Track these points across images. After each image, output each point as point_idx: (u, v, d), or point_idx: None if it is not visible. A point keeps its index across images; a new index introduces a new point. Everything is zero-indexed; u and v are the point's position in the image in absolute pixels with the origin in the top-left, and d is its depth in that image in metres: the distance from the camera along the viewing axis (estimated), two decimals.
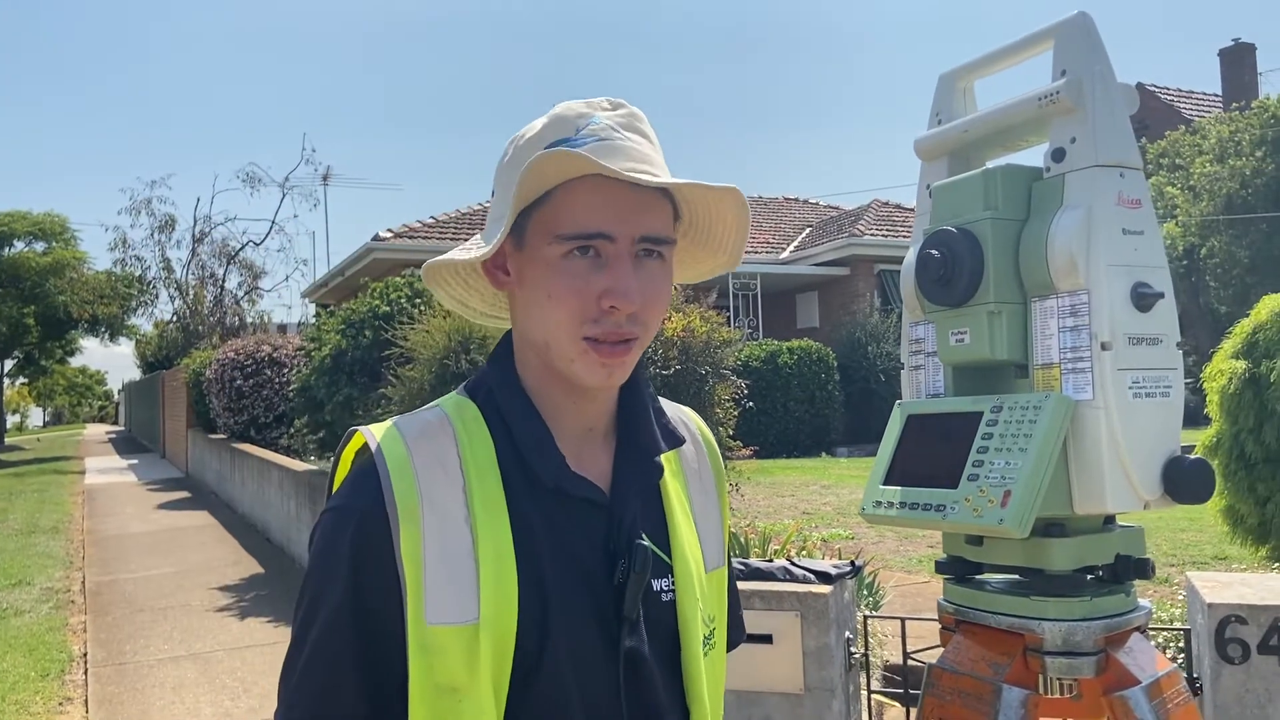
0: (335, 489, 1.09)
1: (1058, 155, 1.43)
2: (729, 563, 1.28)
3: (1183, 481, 1.38)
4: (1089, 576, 1.45)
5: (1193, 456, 1.39)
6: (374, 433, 1.07)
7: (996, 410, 1.41)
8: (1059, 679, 1.40)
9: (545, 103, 1.15)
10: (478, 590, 0.98)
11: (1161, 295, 1.40)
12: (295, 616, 1.05)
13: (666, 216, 1.08)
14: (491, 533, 1.01)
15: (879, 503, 1.51)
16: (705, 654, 1.13)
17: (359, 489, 1.03)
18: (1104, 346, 1.36)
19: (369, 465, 1.04)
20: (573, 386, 1.09)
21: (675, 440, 1.17)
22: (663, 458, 1.16)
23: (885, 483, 1.52)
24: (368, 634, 1.00)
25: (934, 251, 1.48)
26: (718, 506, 1.25)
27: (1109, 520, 1.48)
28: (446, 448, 1.05)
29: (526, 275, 1.07)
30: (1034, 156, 1.54)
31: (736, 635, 1.32)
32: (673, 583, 1.11)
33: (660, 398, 1.26)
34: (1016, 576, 1.50)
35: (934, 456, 1.47)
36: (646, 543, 1.07)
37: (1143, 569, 1.42)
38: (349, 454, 1.11)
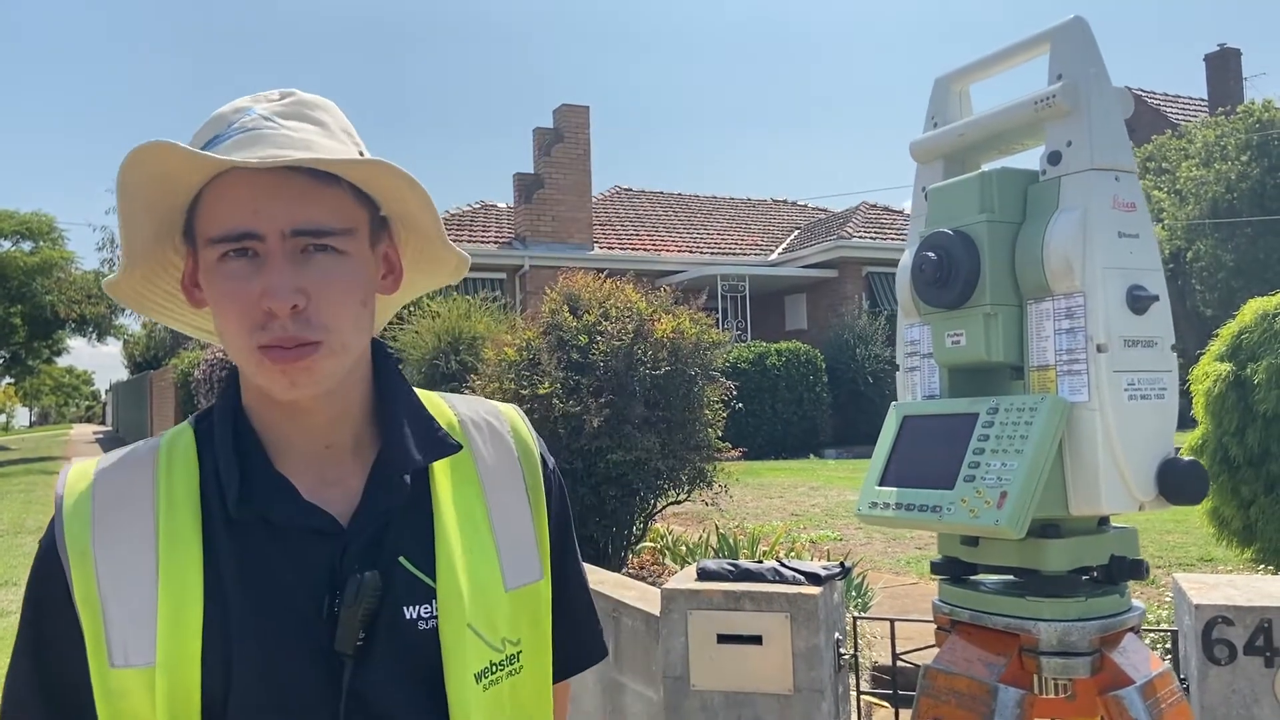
0: None
1: (1053, 158, 1.44)
2: (570, 572, 1.18)
3: (1177, 483, 1.39)
4: (1084, 577, 1.46)
5: (1187, 458, 1.40)
6: (70, 470, 1.01)
7: (993, 412, 1.42)
8: (1054, 679, 1.41)
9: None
10: (156, 632, 0.92)
11: (1156, 298, 1.41)
12: None
13: (332, 206, 0.97)
14: (174, 570, 0.94)
15: (875, 504, 1.51)
16: (487, 686, 1.01)
17: (47, 530, 0.99)
18: (1099, 349, 1.37)
19: (56, 505, 0.99)
20: (284, 405, 1.00)
21: (439, 449, 1.06)
22: (446, 466, 1.07)
23: (881, 484, 1.52)
24: (48, 676, 0.97)
25: (930, 254, 1.48)
26: (531, 515, 1.12)
27: (1104, 521, 1.49)
28: (139, 482, 0.99)
29: (205, 288, 0.99)
30: (1030, 160, 1.55)
31: (584, 654, 1.22)
32: (435, 608, 1.00)
33: (468, 396, 1.18)
34: (1012, 577, 1.51)
35: (930, 458, 1.48)
36: (391, 568, 0.99)
37: (1137, 570, 1.43)
38: None
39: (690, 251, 23.78)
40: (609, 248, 22.52)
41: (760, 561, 3.36)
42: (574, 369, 6.44)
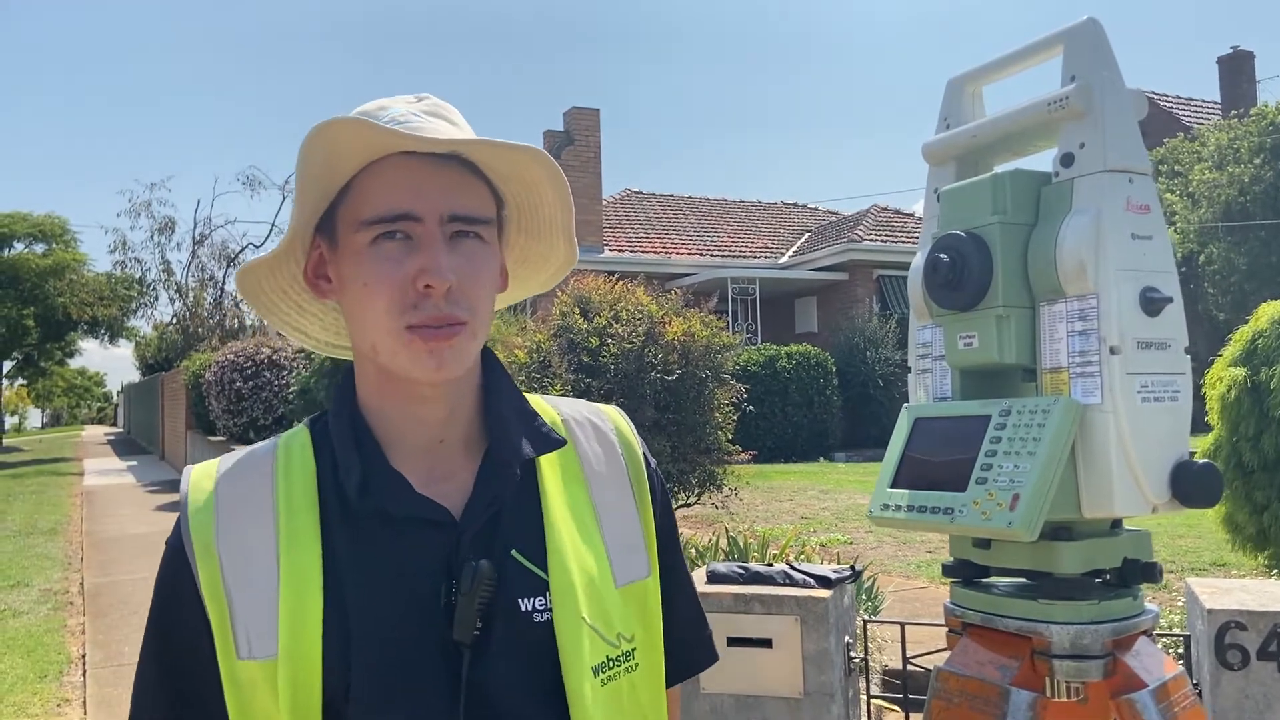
0: None
1: (1066, 160, 1.44)
2: (675, 573, 1.18)
3: (1191, 485, 1.38)
4: (1097, 580, 1.45)
5: (1201, 461, 1.40)
6: (192, 471, 1.05)
7: (1005, 414, 1.41)
8: (1066, 682, 1.40)
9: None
10: (278, 624, 0.94)
11: (1170, 300, 1.40)
12: None
13: (481, 196, 1.03)
14: (296, 565, 0.96)
15: (887, 505, 1.51)
16: (605, 681, 1.02)
17: (175, 528, 1.02)
18: (1113, 351, 1.37)
19: (181, 504, 1.03)
20: (408, 395, 1.03)
21: (546, 444, 1.08)
22: (553, 463, 1.09)
23: (893, 486, 1.52)
24: (174, 669, 1.00)
25: (943, 255, 1.48)
26: (638, 512, 1.13)
27: (1117, 524, 1.48)
28: (259, 481, 1.02)
29: (344, 274, 1.02)
30: (1042, 162, 1.54)
31: (697, 657, 1.22)
32: (549, 601, 1.01)
33: (568, 399, 1.20)
34: (1024, 580, 1.50)
35: (942, 460, 1.48)
36: (504, 559, 1.00)
37: (1150, 573, 1.42)
38: None
39: (701, 254, 23.78)
40: (619, 250, 22.54)
41: (770, 565, 3.36)
42: (584, 371, 6.44)
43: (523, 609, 1.00)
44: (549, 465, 1.09)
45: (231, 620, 0.95)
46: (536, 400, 1.16)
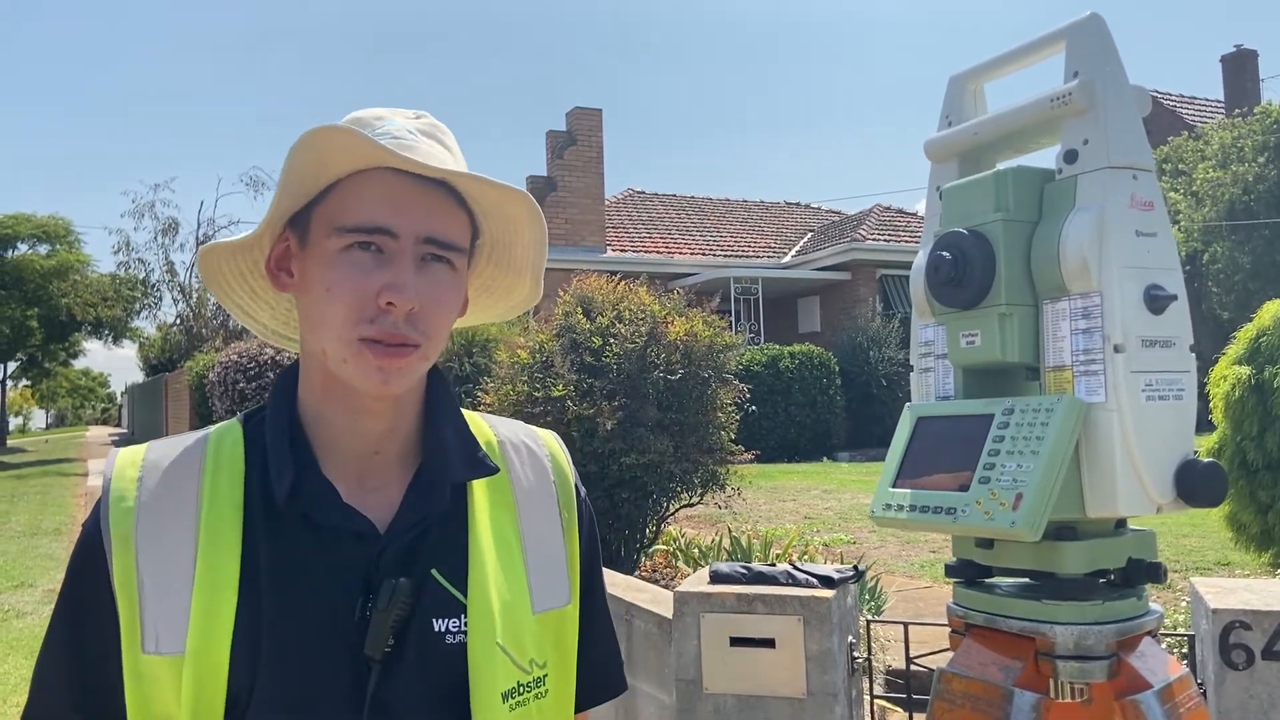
0: None
1: (1070, 157, 1.43)
2: (594, 602, 1.17)
3: (1195, 485, 1.37)
4: (1101, 580, 1.44)
5: (1206, 460, 1.38)
6: (118, 456, 1.04)
7: (1008, 413, 1.40)
8: (1070, 683, 1.39)
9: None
10: (188, 622, 0.94)
11: (1175, 297, 1.39)
12: None
13: (459, 224, 1.04)
14: (213, 564, 0.96)
15: (889, 505, 1.50)
16: (515, 705, 1.01)
17: (93, 512, 1.01)
18: (1117, 349, 1.35)
19: (102, 490, 1.02)
20: (351, 404, 1.03)
21: (479, 470, 1.08)
22: (484, 486, 1.09)
23: (895, 485, 1.51)
24: (78, 655, 0.99)
25: (945, 253, 1.47)
26: (563, 540, 1.14)
27: (1121, 524, 1.47)
28: (186, 476, 1.01)
29: (308, 273, 1.02)
30: (1045, 159, 1.53)
31: (604, 687, 1.21)
32: (465, 623, 1.01)
33: (508, 419, 1.21)
34: (1027, 580, 1.49)
35: (945, 459, 1.47)
36: (424, 578, 1.00)
37: (1155, 573, 1.41)
38: None
39: (703, 254, 23.78)
40: (622, 250, 22.54)
41: (773, 564, 3.35)
42: (587, 371, 6.43)
43: (436, 629, 1.00)
44: (479, 488, 1.09)
45: (141, 613, 0.95)
46: (475, 420, 1.16)
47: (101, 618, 0.97)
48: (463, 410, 1.15)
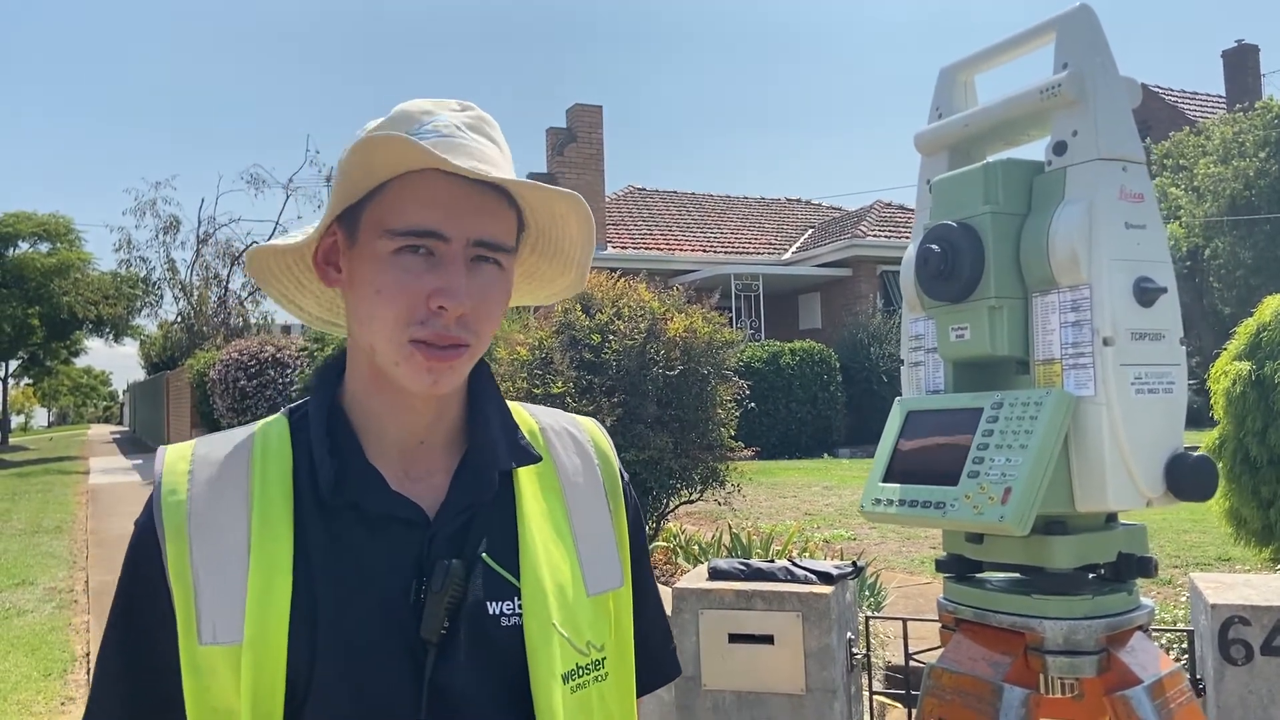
0: None
1: (1059, 149, 1.42)
2: (643, 586, 1.18)
3: (1185, 479, 1.36)
4: (1091, 575, 1.44)
5: (1196, 454, 1.38)
6: (168, 451, 1.04)
7: (997, 407, 1.40)
8: (1060, 678, 1.38)
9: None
10: (244, 611, 0.94)
11: (1164, 290, 1.38)
12: None
13: (508, 224, 1.04)
14: (265, 553, 0.96)
15: (878, 500, 1.49)
16: (575, 688, 1.02)
17: (145, 508, 1.01)
18: (1106, 342, 1.35)
19: (154, 485, 1.02)
20: (398, 396, 1.03)
21: (523, 458, 1.09)
22: (530, 472, 1.09)
23: (885, 480, 1.50)
24: (135, 652, 1.00)
25: (934, 246, 1.46)
26: (611, 523, 1.14)
27: (1111, 518, 1.46)
28: (236, 467, 1.01)
29: (357, 273, 1.02)
30: (1035, 151, 1.52)
31: (660, 671, 1.22)
32: (519, 605, 1.01)
33: (548, 408, 1.21)
34: (1017, 575, 1.49)
35: (934, 453, 1.46)
36: (474, 561, 1.00)
37: (1145, 567, 1.40)
38: None
39: (704, 251, 23.77)
40: (622, 247, 22.53)
41: (772, 561, 3.34)
42: (587, 368, 6.43)
43: (491, 612, 1.00)
44: (526, 475, 1.10)
45: (196, 605, 0.95)
46: (517, 409, 1.16)
47: (158, 612, 0.97)
48: (506, 402, 1.16)
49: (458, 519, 1.03)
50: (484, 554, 1.02)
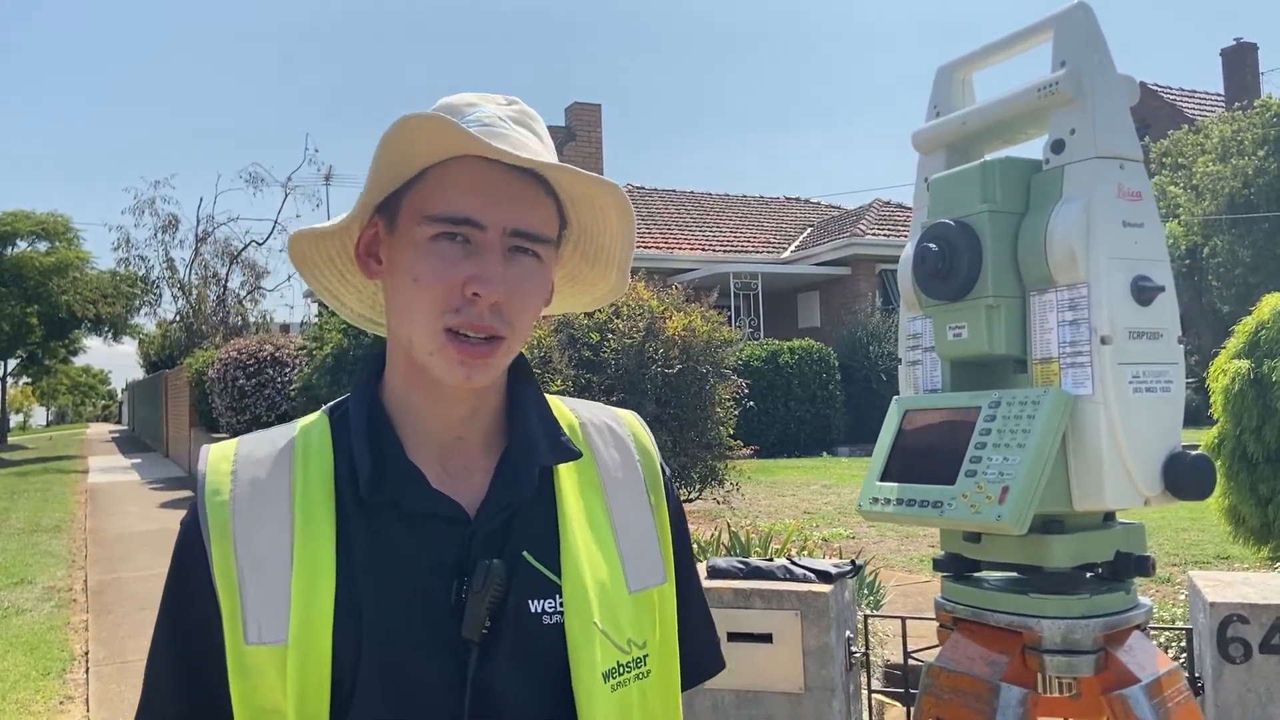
0: None
1: (1057, 147, 1.42)
2: (687, 581, 1.17)
3: (1184, 478, 1.36)
4: (1088, 574, 1.43)
5: (1194, 452, 1.37)
6: (210, 450, 1.04)
7: (994, 406, 1.39)
8: (1058, 677, 1.38)
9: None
10: (289, 611, 0.94)
11: (1162, 289, 1.38)
12: None
13: (547, 215, 1.03)
14: (310, 553, 0.96)
15: (876, 499, 1.49)
16: (616, 685, 1.01)
17: (189, 509, 1.01)
18: (1104, 341, 1.34)
19: (198, 485, 1.02)
20: (435, 391, 1.03)
21: (563, 454, 1.08)
22: (570, 468, 1.08)
23: (882, 479, 1.50)
24: (184, 653, 1.00)
25: (931, 245, 1.46)
26: (653, 518, 1.13)
27: (1109, 517, 1.46)
28: (278, 467, 1.01)
29: (396, 261, 1.02)
30: (1033, 150, 1.52)
31: (705, 666, 1.22)
32: (560, 603, 1.00)
33: (588, 401, 1.20)
34: (1015, 574, 1.48)
35: (931, 452, 1.46)
36: (515, 560, 1.00)
37: (1143, 566, 1.40)
38: None
39: (703, 249, 23.77)
40: None
41: (771, 559, 3.34)
42: (585, 367, 6.43)
43: (532, 610, 1.00)
44: (565, 471, 1.09)
45: (242, 604, 0.95)
46: (556, 403, 1.16)
47: (204, 613, 0.97)
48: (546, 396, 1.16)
49: (498, 517, 1.02)
50: (524, 552, 1.02)
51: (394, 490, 1.00)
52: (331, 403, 1.11)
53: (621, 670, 1.02)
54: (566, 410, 1.16)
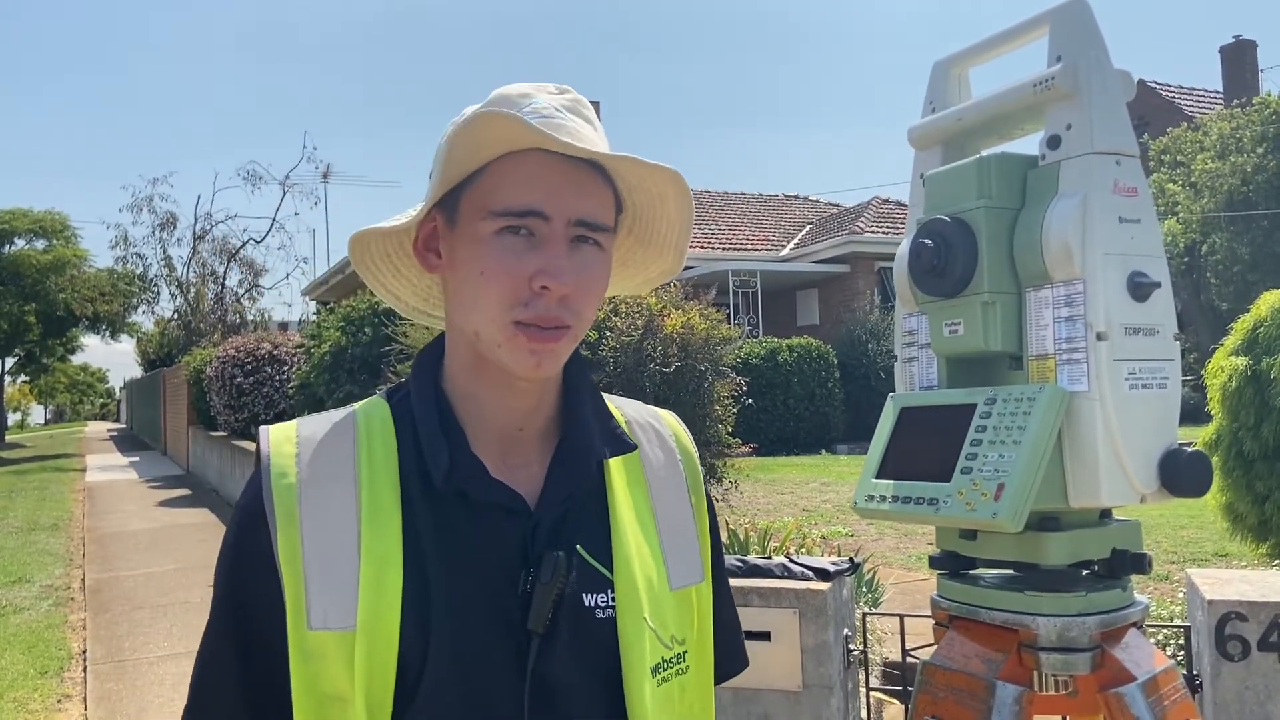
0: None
1: (1053, 142, 1.41)
2: (719, 581, 1.18)
3: (1180, 474, 1.35)
4: (1084, 571, 1.43)
5: (1191, 449, 1.37)
6: (269, 432, 1.04)
7: (990, 402, 1.39)
8: (1054, 675, 1.38)
9: None
10: (357, 596, 0.94)
11: (1158, 284, 1.37)
12: None
13: (607, 204, 1.04)
14: (376, 537, 0.96)
15: (871, 497, 1.49)
16: (661, 681, 1.03)
17: (247, 490, 1.01)
18: (1100, 337, 1.34)
19: (260, 465, 1.01)
20: (500, 382, 1.03)
21: (619, 446, 1.09)
22: (619, 463, 1.10)
23: (878, 476, 1.50)
24: (244, 636, 0.99)
25: (927, 241, 1.45)
26: (693, 518, 1.15)
27: (1105, 514, 1.46)
28: (342, 450, 1.01)
29: (458, 255, 1.02)
30: (1029, 145, 1.51)
31: (732, 664, 1.23)
32: (612, 598, 1.02)
33: (630, 399, 1.21)
34: (1011, 571, 1.48)
35: (927, 450, 1.45)
36: (571, 553, 1.00)
37: (1139, 563, 1.39)
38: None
39: (701, 247, 23.76)
40: None
41: (769, 557, 3.33)
42: None
43: (587, 604, 1.01)
44: (615, 466, 1.10)
45: (306, 589, 0.94)
46: (605, 400, 1.17)
47: (265, 598, 0.96)
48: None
49: (558, 509, 1.03)
50: (578, 545, 1.02)
51: (461, 479, 1.00)
52: (387, 387, 1.11)
53: (665, 666, 1.04)
54: (614, 407, 1.17)
